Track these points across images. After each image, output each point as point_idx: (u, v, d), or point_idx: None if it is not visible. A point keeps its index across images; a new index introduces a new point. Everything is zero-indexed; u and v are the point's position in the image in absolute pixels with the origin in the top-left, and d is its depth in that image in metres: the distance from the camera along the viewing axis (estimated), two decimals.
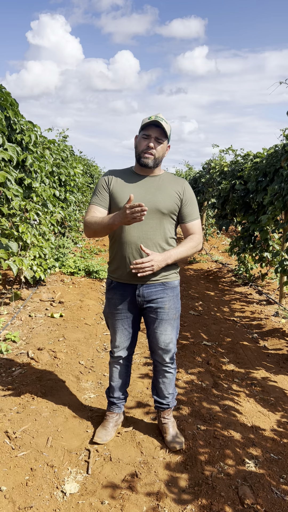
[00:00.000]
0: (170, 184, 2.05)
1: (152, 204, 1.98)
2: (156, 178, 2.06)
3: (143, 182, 2.04)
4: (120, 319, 2.16)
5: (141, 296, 2.07)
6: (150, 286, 2.06)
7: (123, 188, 2.03)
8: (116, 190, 2.03)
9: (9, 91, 3.34)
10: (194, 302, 5.22)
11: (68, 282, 5.66)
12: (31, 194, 4.19)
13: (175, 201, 2.03)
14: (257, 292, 5.88)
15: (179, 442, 2.22)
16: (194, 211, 2.08)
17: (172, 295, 2.11)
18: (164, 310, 2.09)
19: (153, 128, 1.96)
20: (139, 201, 1.96)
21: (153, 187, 2.03)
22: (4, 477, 1.94)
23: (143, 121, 1.99)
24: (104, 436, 2.25)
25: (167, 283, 2.09)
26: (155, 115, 1.95)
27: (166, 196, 2.01)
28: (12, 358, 3.20)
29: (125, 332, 2.19)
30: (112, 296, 2.14)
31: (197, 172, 10.68)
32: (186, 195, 2.06)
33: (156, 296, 2.07)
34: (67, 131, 6.63)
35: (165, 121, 1.96)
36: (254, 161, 5.44)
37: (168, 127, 1.98)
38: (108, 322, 2.22)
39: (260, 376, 3.20)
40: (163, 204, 1.99)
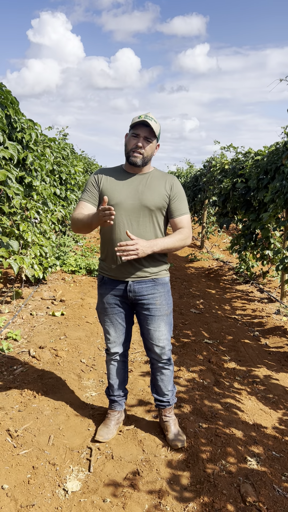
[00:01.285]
0: (158, 181, 2.08)
1: (141, 202, 2.01)
2: (145, 176, 2.08)
3: (132, 180, 2.06)
4: (113, 314, 2.18)
5: (132, 291, 2.09)
6: (141, 282, 2.09)
7: (112, 186, 2.05)
8: (106, 188, 2.06)
9: (9, 90, 3.34)
10: (195, 300, 5.22)
11: (69, 281, 5.66)
12: (31, 193, 4.18)
13: (163, 198, 2.05)
14: (258, 290, 5.88)
15: (181, 440, 2.23)
16: (182, 206, 2.10)
17: (163, 291, 2.14)
18: (155, 306, 2.12)
19: (142, 128, 1.97)
20: (129, 198, 2.02)
21: (142, 184, 2.05)
22: (6, 475, 1.94)
23: (133, 119, 2.01)
24: (105, 434, 2.26)
25: (157, 279, 2.11)
26: (145, 115, 1.98)
27: (154, 193, 2.04)
28: (14, 357, 3.20)
29: (119, 327, 2.21)
30: (104, 292, 2.16)
31: (198, 170, 10.67)
32: (173, 190, 2.08)
33: (147, 292, 2.10)
34: (67, 129, 6.63)
35: (154, 120, 1.98)
36: (255, 159, 5.43)
37: (157, 126, 1.99)
38: (101, 318, 2.24)
39: (262, 374, 3.20)
40: (151, 202, 2.02)
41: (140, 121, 1.95)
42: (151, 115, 2.00)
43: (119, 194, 2.02)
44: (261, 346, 3.80)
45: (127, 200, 2.01)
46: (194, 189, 9.99)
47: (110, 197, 2.02)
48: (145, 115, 1.98)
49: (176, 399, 2.46)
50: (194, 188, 10.01)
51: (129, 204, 2.01)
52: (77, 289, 5.27)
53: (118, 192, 2.03)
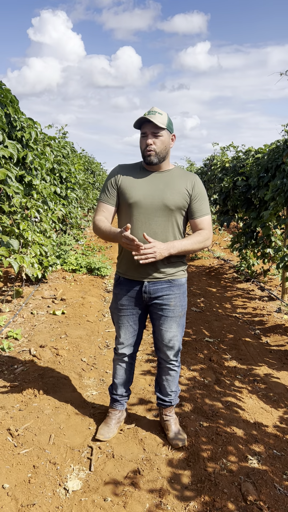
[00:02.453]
0: (180, 180, 2.02)
1: (160, 201, 1.96)
2: (165, 174, 2.03)
3: (151, 178, 2.02)
4: (125, 315, 2.15)
5: (147, 292, 2.06)
6: (157, 283, 2.05)
7: (131, 183, 2.01)
8: (125, 185, 2.01)
9: (9, 88, 3.33)
10: (196, 299, 5.21)
11: (69, 279, 5.65)
12: (31, 192, 4.18)
13: (184, 197, 2.00)
14: (259, 288, 5.87)
15: (182, 439, 2.22)
16: (204, 206, 2.04)
17: (179, 293, 2.10)
18: (169, 307, 2.08)
19: (147, 125, 1.93)
20: (148, 197, 1.96)
21: (162, 183, 2.00)
22: (7, 475, 1.94)
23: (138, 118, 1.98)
24: (106, 433, 2.25)
25: (174, 280, 2.07)
26: (148, 111, 1.94)
27: (175, 192, 1.98)
28: (14, 356, 3.20)
29: (130, 329, 2.18)
30: (119, 292, 2.14)
31: (199, 169, 10.65)
32: (195, 190, 2.02)
33: (162, 293, 2.06)
34: (66, 128, 6.62)
35: (158, 113, 1.93)
36: (255, 157, 5.42)
37: (163, 118, 1.93)
38: (114, 318, 2.22)
39: (263, 372, 3.19)
40: (171, 201, 1.97)
41: (142, 119, 1.92)
42: (156, 108, 1.95)
43: (137, 192, 1.98)
44: (262, 344, 3.79)
45: (146, 199, 1.97)
46: None
47: (129, 195, 1.99)
48: (148, 111, 1.94)
49: (179, 400, 2.45)
50: None
51: (148, 203, 1.97)
52: (77, 288, 5.27)
53: (137, 190, 1.98)
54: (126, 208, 2.02)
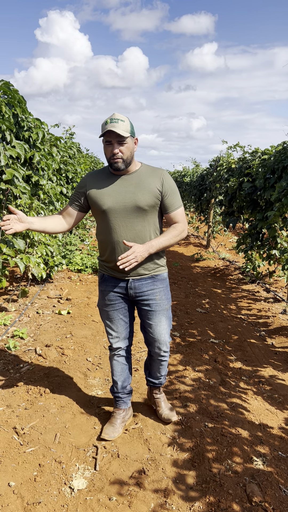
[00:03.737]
0: (148, 179, 2.06)
1: (133, 202, 2.01)
2: (133, 175, 2.07)
3: (120, 182, 2.05)
4: (115, 309, 2.22)
5: (133, 288, 2.15)
6: (141, 279, 2.15)
7: (101, 191, 2.05)
8: (95, 194, 2.06)
9: (17, 89, 3.35)
10: (201, 300, 5.21)
11: (75, 279, 5.67)
12: (38, 192, 4.20)
13: (155, 195, 2.04)
14: (264, 289, 5.85)
15: (173, 414, 2.40)
16: (175, 200, 2.10)
17: (162, 287, 2.21)
18: (156, 301, 2.18)
19: (111, 133, 1.94)
20: (119, 202, 2.02)
21: (131, 185, 2.04)
22: (13, 473, 1.95)
23: (101, 126, 1.98)
24: (111, 433, 2.27)
25: (157, 276, 2.18)
26: (110, 118, 1.94)
27: (145, 192, 2.02)
28: (20, 355, 3.21)
29: (121, 322, 2.25)
30: (105, 288, 2.21)
31: (204, 169, 10.65)
32: (165, 186, 2.07)
33: (146, 288, 2.16)
34: (73, 128, 6.64)
35: (121, 120, 1.93)
36: (262, 158, 5.41)
37: (125, 125, 1.94)
38: (104, 314, 2.27)
39: (268, 374, 3.19)
40: (143, 201, 2.01)
41: (106, 130, 1.92)
42: (117, 115, 1.96)
43: (109, 199, 2.02)
44: (267, 346, 3.78)
45: (118, 203, 2.02)
46: (200, 188, 9.97)
47: (101, 202, 2.03)
48: (111, 118, 1.94)
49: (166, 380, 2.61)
50: (200, 187, 9.98)
51: (121, 207, 2.02)
52: (83, 288, 5.28)
53: (107, 196, 2.03)
54: (101, 215, 2.07)
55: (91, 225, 10.95)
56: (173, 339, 3.78)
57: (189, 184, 11.97)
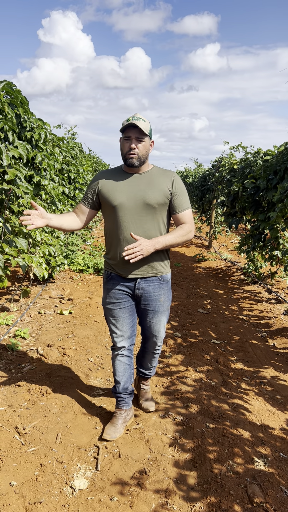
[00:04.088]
0: (159, 179, 2.13)
1: (143, 200, 2.07)
2: (145, 175, 2.14)
3: (133, 179, 2.13)
4: (121, 307, 2.24)
5: (140, 289, 2.20)
6: (148, 280, 2.19)
7: (113, 187, 2.12)
8: (107, 190, 2.12)
9: (19, 89, 3.36)
10: (203, 300, 5.21)
11: (77, 280, 5.68)
12: (40, 192, 4.20)
13: (165, 195, 2.11)
14: (266, 290, 5.85)
15: (152, 405, 2.56)
16: (184, 201, 2.17)
17: (167, 289, 2.28)
18: (159, 302, 2.25)
19: (132, 129, 2.02)
20: (131, 198, 2.08)
21: (143, 183, 2.11)
22: (14, 472, 1.96)
23: (122, 123, 2.06)
24: (113, 433, 2.27)
25: (162, 277, 2.23)
26: (133, 116, 2.04)
27: (156, 191, 2.09)
28: (22, 355, 3.22)
29: (127, 321, 2.27)
30: (111, 287, 2.23)
31: (206, 170, 10.64)
32: (175, 187, 2.14)
33: (153, 290, 2.21)
34: (75, 128, 6.65)
35: (142, 119, 2.03)
36: (264, 159, 5.40)
37: (146, 124, 2.04)
38: (108, 313, 2.28)
39: (269, 375, 3.19)
40: (153, 200, 2.08)
41: (129, 124, 2.01)
42: (139, 115, 2.05)
43: (120, 195, 2.09)
44: (268, 347, 3.78)
45: (130, 200, 2.08)
46: (202, 188, 9.96)
47: (112, 198, 2.10)
48: (133, 116, 2.03)
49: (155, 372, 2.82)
50: (202, 188, 9.98)
51: (131, 204, 2.08)
52: (85, 288, 5.29)
53: (119, 192, 2.10)
54: (111, 211, 2.12)
55: (93, 225, 10.95)
56: (175, 340, 3.78)
57: (191, 185, 11.97)
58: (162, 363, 3.27)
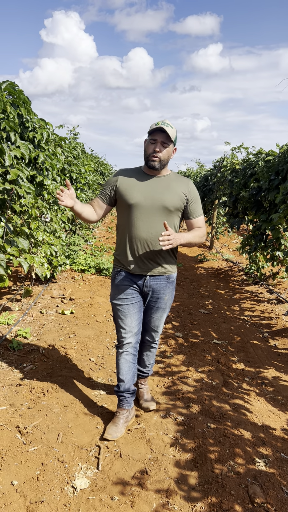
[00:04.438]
0: (177, 184, 2.22)
1: (160, 202, 2.15)
2: (164, 178, 2.22)
3: (152, 181, 2.20)
4: (129, 303, 2.29)
5: (148, 286, 2.28)
6: (156, 278, 2.27)
7: (132, 186, 2.18)
8: (125, 188, 2.19)
9: (21, 89, 3.36)
10: (204, 301, 5.21)
11: (78, 279, 5.68)
12: (42, 192, 4.21)
13: (181, 200, 2.20)
14: (268, 291, 5.85)
15: (153, 404, 2.57)
16: (198, 208, 2.28)
17: (172, 288, 2.37)
18: (164, 300, 2.34)
19: (159, 133, 2.10)
20: (148, 198, 2.15)
21: (161, 186, 2.18)
22: (16, 472, 1.96)
23: (150, 126, 2.14)
24: (114, 433, 2.27)
25: (170, 276, 2.31)
26: (162, 121, 2.11)
27: (173, 195, 2.17)
28: (24, 354, 3.23)
29: (136, 316, 2.32)
30: (121, 283, 2.29)
31: (208, 170, 10.64)
32: (191, 194, 2.23)
33: (160, 289, 2.30)
34: (77, 128, 6.65)
35: (170, 126, 2.10)
36: (266, 159, 5.40)
37: (173, 131, 2.11)
38: (117, 309, 2.31)
39: (271, 375, 3.18)
40: (170, 202, 2.16)
41: (157, 128, 2.08)
42: (168, 121, 2.12)
43: (137, 194, 2.16)
44: (270, 347, 3.78)
45: (147, 200, 2.15)
46: (204, 189, 9.96)
47: (130, 196, 2.16)
48: (162, 121, 2.10)
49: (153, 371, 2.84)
50: (204, 188, 9.97)
51: (148, 204, 2.15)
52: (86, 288, 5.29)
53: (137, 192, 2.16)
54: (127, 208, 2.19)
55: (94, 225, 10.96)
56: (176, 340, 3.78)
57: None
58: (164, 363, 3.27)
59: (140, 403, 2.60)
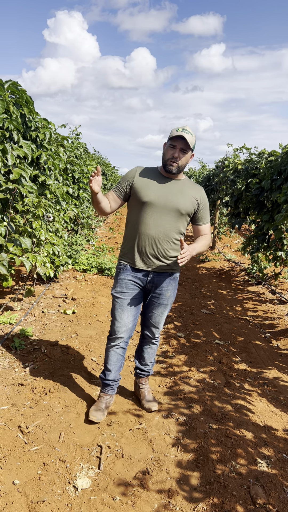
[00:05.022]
0: (190, 190, 2.30)
1: (174, 204, 2.23)
2: (179, 182, 2.30)
3: (168, 184, 2.27)
4: (130, 298, 2.36)
5: (151, 282, 2.35)
6: (160, 275, 2.35)
7: (147, 184, 2.26)
8: (140, 185, 2.26)
9: (24, 89, 3.37)
10: (207, 301, 5.20)
11: (80, 279, 5.68)
12: (45, 191, 4.21)
13: (193, 205, 2.29)
14: (270, 291, 5.84)
15: (155, 404, 2.56)
16: (207, 215, 2.38)
17: (175, 285, 2.44)
18: (166, 297, 2.41)
19: (179, 140, 2.16)
20: (162, 198, 2.23)
21: (176, 189, 2.27)
22: (17, 471, 1.96)
23: (171, 132, 2.20)
24: (99, 416, 2.40)
25: (173, 274, 2.39)
26: (182, 128, 2.17)
27: (187, 200, 2.26)
28: (25, 354, 3.23)
29: (132, 312, 2.39)
30: (124, 277, 2.35)
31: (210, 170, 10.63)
32: (202, 201, 2.32)
33: (163, 285, 2.37)
34: (80, 128, 6.66)
35: (190, 133, 2.17)
36: (268, 159, 5.39)
37: (192, 139, 2.18)
38: (116, 302, 2.38)
39: (273, 376, 3.18)
40: (183, 206, 2.24)
41: (178, 135, 2.14)
42: (188, 128, 2.19)
43: (152, 193, 2.23)
44: (272, 347, 3.77)
45: (160, 200, 2.23)
46: (206, 189, 9.95)
47: (144, 194, 2.24)
48: (183, 128, 2.17)
49: (153, 372, 2.81)
50: (206, 188, 9.97)
51: (161, 204, 2.23)
52: (88, 288, 5.29)
53: (152, 191, 2.24)
54: (140, 205, 2.26)
55: (96, 225, 10.96)
56: (178, 340, 3.78)
57: None
58: (165, 363, 3.27)
59: (142, 403, 2.61)
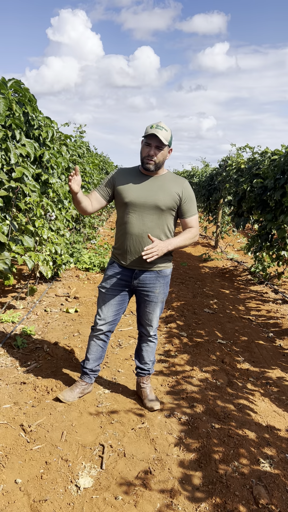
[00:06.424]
0: (171, 184, 2.30)
1: (153, 201, 2.25)
2: (159, 178, 2.31)
3: (147, 181, 2.29)
4: (112, 294, 2.42)
5: (137, 279, 2.38)
6: (146, 272, 2.37)
7: (128, 185, 2.29)
8: (122, 187, 2.30)
9: (27, 87, 3.36)
10: (209, 300, 5.19)
11: (83, 278, 5.68)
12: (47, 190, 4.21)
13: (174, 200, 2.28)
14: (273, 291, 5.82)
15: (157, 403, 2.56)
16: (192, 208, 2.35)
17: (163, 282, 2.43)
18: (154, 294, 2.42)
19: (154, 137, 2.17)
20: (142, 198, 2.25)
21: (156, 186, 2.28)
22: (20, 470, 1.96)
23: (145, 130, 2.20)
24: (68, 397, 2.52)
25: (161, 271, 2.39)
26: (156, 124, 2.17)
27: (166, 195, 2.26)
28: (28, 352, 3.23)
29: (113, 308, 2.45)
30: (111, 274, 2.42)
31: (213, 169, 10.60)
32: (184, 194, 2.30)
33: (149, 282, 2.38)
34: (84, 127, 6.64)
35: (165, 129, 2.17)
36: (272, 158, 5.37)
37: (167, 134, 2.19)
38: (101, 296, 2.46)
39: (276, 375, 3.17)
40: (162, 202, 2.25)
41: (151, 133, 2.15)
42: (162, 124, 2.19)
43: (132, 193, 2.27)
44: (275, 347, 3.76)
45: (140, 199, 2.25)
46: (209, 188, 9.92)
47: (125, 195, 2.28)
48: (156, 125, 2.17)
49: (154, 370, 2.84)
50: (209, 187, 9.94)
51: (141, 203, 2.25)
52: (90, 287, 5.29)
53: (132, 191, 2.27)
54: (123, 207, 2.31)
55: (99, 224, 10.97)
56: (180, 339, 3.77)
57: (198, 184, 11.93)
58: (168, 362, 3.27)
59: (144, 403, 2.60)
